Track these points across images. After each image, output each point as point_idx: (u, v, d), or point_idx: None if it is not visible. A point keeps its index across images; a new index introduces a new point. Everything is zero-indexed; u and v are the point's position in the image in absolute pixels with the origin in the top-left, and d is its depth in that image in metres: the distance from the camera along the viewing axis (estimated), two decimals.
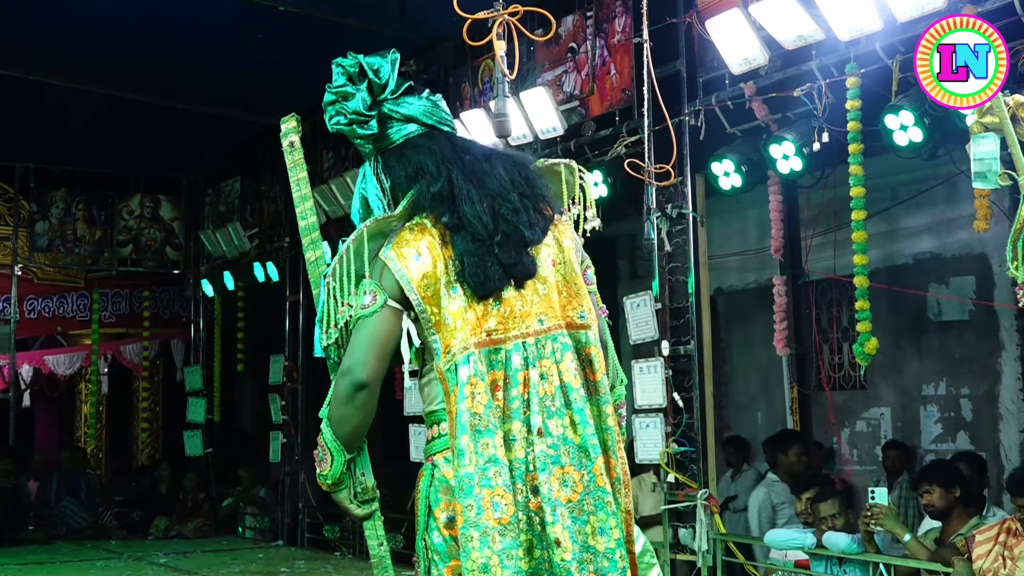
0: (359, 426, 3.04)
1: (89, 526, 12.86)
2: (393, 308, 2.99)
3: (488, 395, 2.91)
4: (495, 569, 2.83)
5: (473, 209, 3.01)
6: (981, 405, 8.47)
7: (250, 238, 12.94)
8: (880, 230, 8.07)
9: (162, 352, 15.13)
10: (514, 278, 3.01)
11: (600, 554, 2.90)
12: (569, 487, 2.90)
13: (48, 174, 14.14)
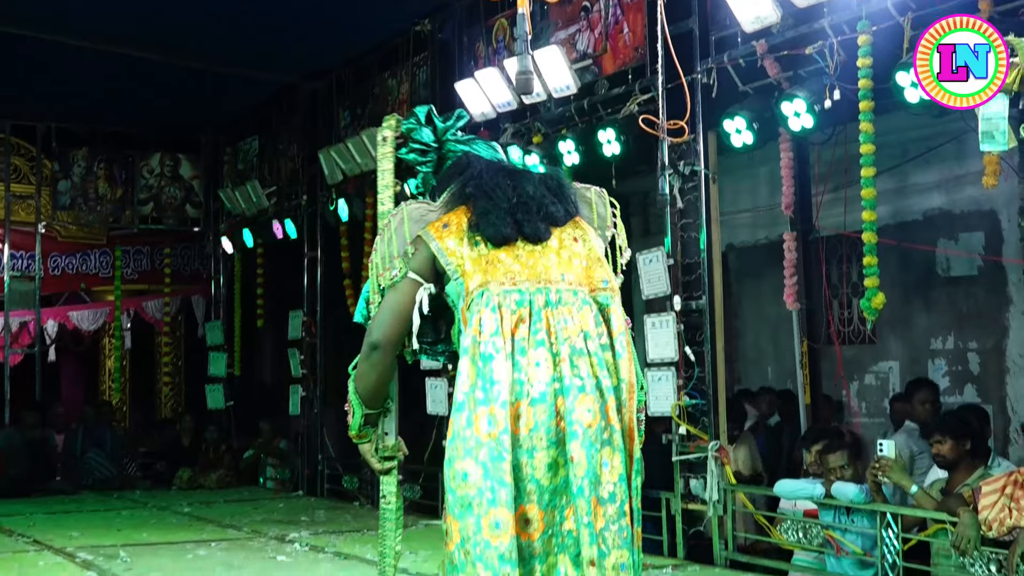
0: (375, 383, 3.29)
1: (114, 477, 12.97)
2: (412, 280, 3.21)
3: (497, 323, 3.06)
4: (474, 479, 2.96)
5: (496, 184, 3.28)
6: (988, 359, 8.47)
7: (268, 196, 12.95)
8: (890, 187, 8.05)
9: (183, 308, 15.19)
10: (525, 234, 3.19)
11: (602, 484, 3.00)
12: (591, 414, 3.01)
13: (69, 134, 14.18)
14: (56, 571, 7.18)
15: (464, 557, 2.96)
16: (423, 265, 3.21)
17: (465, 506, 2.97)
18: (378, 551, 3.39)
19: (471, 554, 2.94)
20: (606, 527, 2.99)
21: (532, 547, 2.98)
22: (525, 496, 2.97)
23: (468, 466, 2.98)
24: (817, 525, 6.79)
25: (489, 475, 2.95)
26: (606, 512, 2.99)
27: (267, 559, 7.62)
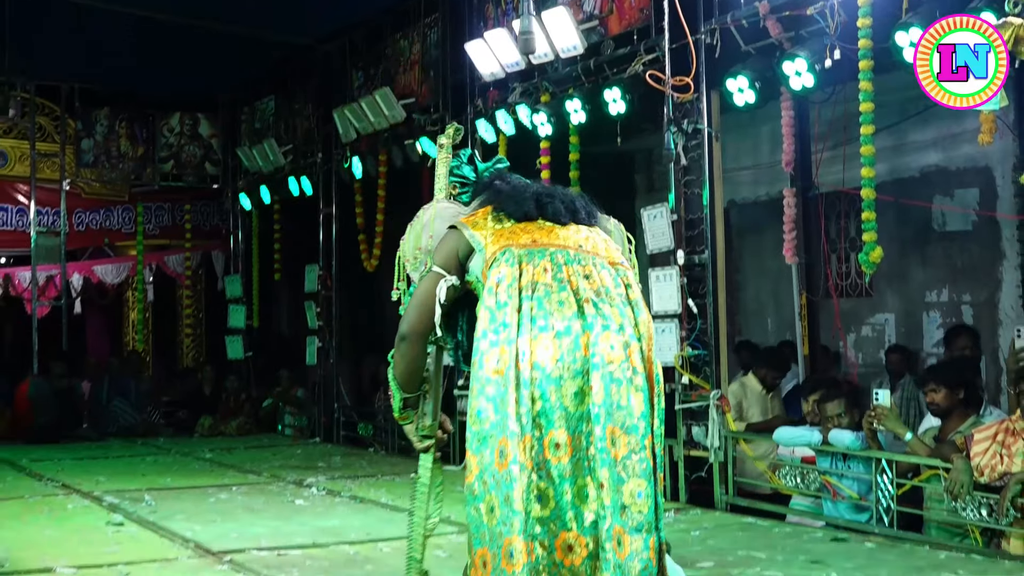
0: (406, 370, 3.46)
1: (138, 424, 13.06)
2: (435, 273, 3.36)
3: (515, 276, 3.16)
4: (487, 415, 3.07)
5: (520, 183, 3.57)
6: (982, 311, 8.46)
7: (284, 154, 12.94)
8: (888, 144, 8.01)
9: (203, 262, 15.21)
10: (545, 214, 3.35)
11: (622, 416, 3.07)
12: (613, 351, 3.10)
13: (92, 94, 14.16)
14: (84, 514, 7.24)
15: (483, 487, 3.04)
16: (448, 258, 3.36)
17: (481, 440, 3.07)
18: (409, 522, 3.56)
19: (488, 483, 3.03)
20: (628, 456, 3.06)
21: (563, 469, 3.05)
22: (554, 422, 3.05)
23: (481, 404, 3.08)
24: (814, 471, 6.82)
25: (498, 410, 3.04)
26: (629, 442, 3.06)
27: (286, 503, 7.67)
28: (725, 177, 7.93)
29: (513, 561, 2.95)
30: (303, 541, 6.14)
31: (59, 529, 6.62)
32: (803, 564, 5.43)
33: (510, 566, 2.96)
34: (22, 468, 9.65)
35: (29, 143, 13.91)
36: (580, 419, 3.06)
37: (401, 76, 10.73)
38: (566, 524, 3.04)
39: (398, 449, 10.72)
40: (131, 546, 6.06)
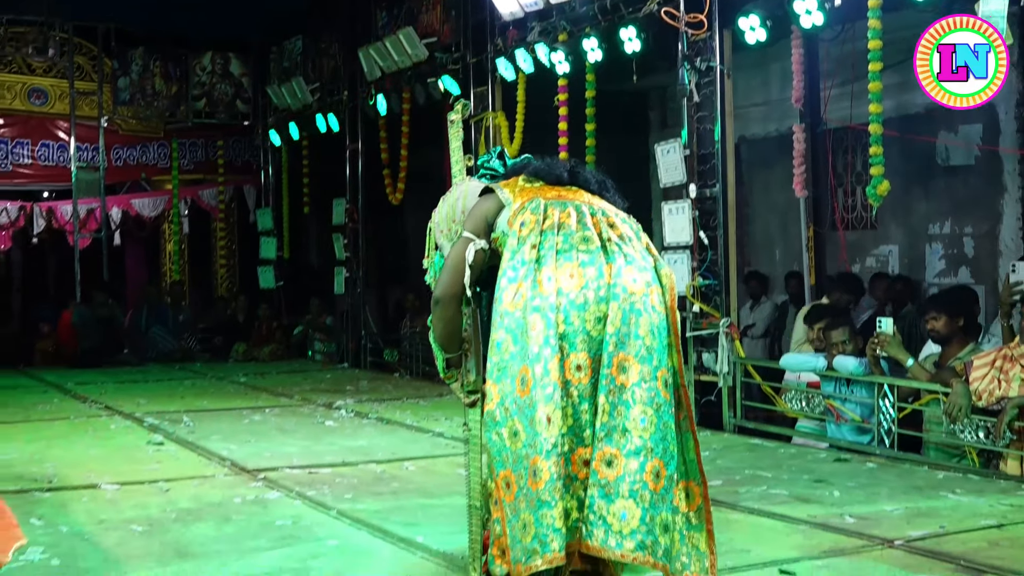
0: (444, 332, 3.45)
1: (176, 350, 13.16)
2: (465, 238, 3.35)
3: (539, 220, 3.18)
4: (506, 346, 3.09)
5: (553, 159, 3.55)
6: (982, 243, 8.39)
7: (312, 92, 12.89)
8: (894, 81, 7.87)
9: (236, 196, 15.21)
10: (576, 180, 3.39)
11: (638, 340, 3.06)
12: (635, 283, 3.10)
13: (127, 34, 14.07)
14: (126, 434, 7.32)
15: (504, 413, 3.05)
16: (477, 223, 3.35)
17: (501, 370, 3.07)
18: (467, 473, 3.58)
19: (510, 409, 3.04)
20: (638, 383, 3.04)
21: (583, 389, 3.06)
22: (576, 346, 3.05)
23: (501, 336, 3.09)
24: (819, 395, 6.82)
25: (517, 340, 3.06)
26: (640, 371, 3.05)
27: (316, 424, 7.73)
28: (736, 113, 7.85)
29: (537, 479, 2.97)
30: (332, 460, 6.20)
31: (103, 448, 6.70)
32: (807, 483, 5.45)
33: (535, 484, 2.97)
34: (68, 391, 9.75)
35: (68, 82, 13.86)
36: (600, 343, 3.06)
37: (423, 16, 10.62)
38: (583, 440, 3.05)
39: (422, 374, 10.77)
40: (171, 464, 6.13)
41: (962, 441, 5.86)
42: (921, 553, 4.08)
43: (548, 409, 2.99)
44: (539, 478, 2.97)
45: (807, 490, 5.28)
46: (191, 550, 4.22)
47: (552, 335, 3.02)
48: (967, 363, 5.85)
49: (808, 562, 3.97)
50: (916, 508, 4.84)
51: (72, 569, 3.97)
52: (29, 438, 7.02)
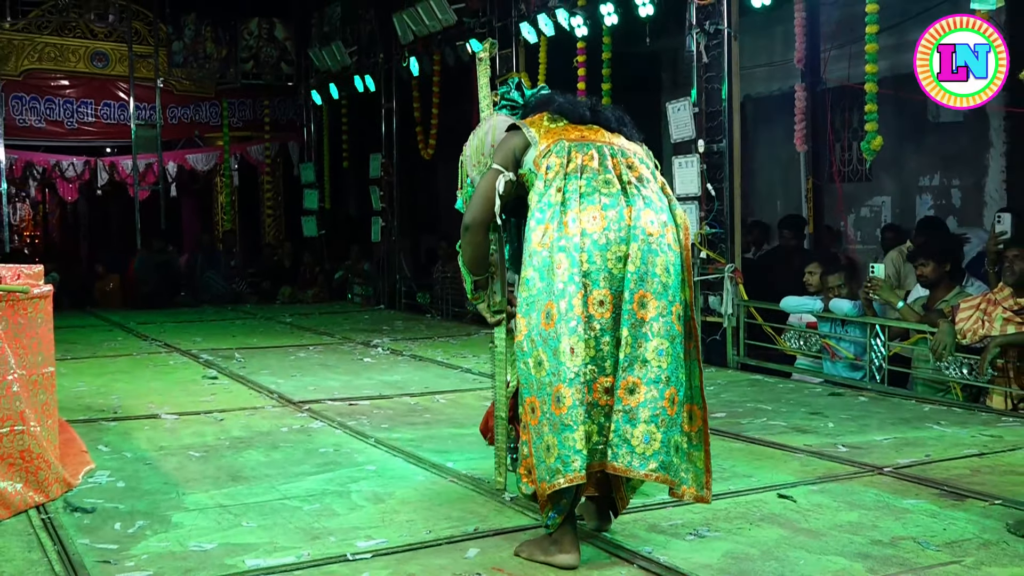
0: (472, 256, 3.41)
1: (228, 293, 13.25)
2: (495, 169, 3.27)
3: (563, 164, 3.15)
4: (534, 282, 3.07)
5: (576, 100, 3.40)
6: (969, 194, 8.30)
7: (350, 54, 12.81)
8: (889, 43, 7.75)
9: (281, 152, 15.22)
10: (599, 120, 3.30)
11: (658, 280, 3.06)
12: (653, 224, 3.09)
13: (180, 1, 14.00)
14: (183, 368, 7.38)
15: (531, 344, 3.05)
16: (506, 156, 3.27)
17: (529, 304, 3.06)
18: (494, 385, 3.57)
19: (536, 341, 3.04)
20: (655, 318, 3.04)
21: (605, 323, 3.05)
22: (599, 283, 3.04)
23: (529, 273, 3.08)
24: (816, 335, 6.81)
25: (544, 277, 3.04)
26: (658, 307, 3.05)
27: (355, 360, 7.78)
28: (742, 74, 7.76)
29: (560, 405, 2.99)
30: (370, 393, 6.24)
31: (162, 381, 6.77)
32: (804, 415, 5.46)
33: (558, 409, 3.00)
34: (131, 330, 9.84)
35: (127, 46, 13.83)
36: (621, 280, 3.06)
37: None
38: (604, 370, 3.06)
39: (452, 315, 10.80)
40: (224, 396, 6.19)
41: (947, 377, 5.84)
42: (908, 479, 4.08)
43: (572, 341, 2.99)
44: (562, 404, 2.99)
45: (804, 421, 5.29)
46: (243, 474, 4.27)
47: (576, 273, 3.02)
48: (954, 306, 5.82)
49: (804, 487, 3.98)
50: (904, 438, 4.84)
51: (136, 491, 4.03)
52: (96, 373, 7.10)
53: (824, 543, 3.30)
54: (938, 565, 3.08)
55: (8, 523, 3.60)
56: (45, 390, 4.03)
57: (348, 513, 3.69)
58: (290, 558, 3.19)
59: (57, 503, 3.83)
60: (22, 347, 3.88)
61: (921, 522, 3.51)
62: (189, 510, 3.74)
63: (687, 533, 3.41)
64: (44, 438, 3.92)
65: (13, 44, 13.37)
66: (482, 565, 3.13)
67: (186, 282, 13.33)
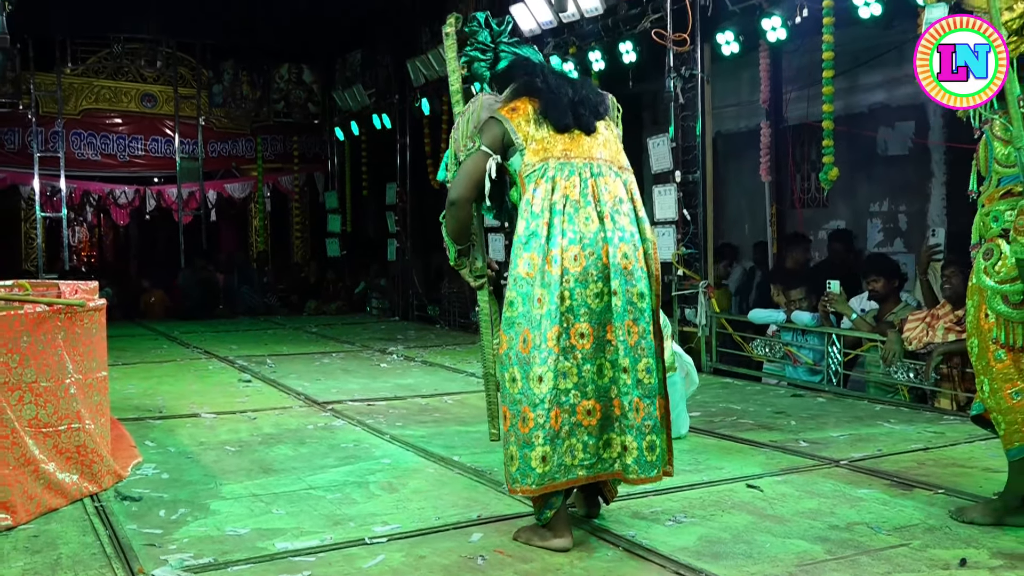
0: (456, 227, 3.26)
1: (261, 306, 13.22)
2: (483, 152, 3.15)
3: (549, 190, 3.06)
4: (517, 306, 3.01)
5: (559, 86, 3.22)
6: (914, 219, 8.29)
7: (369, 96, 12.83)
8: (843, 86, 7.76)
9: (308, 181, 15.21)
10: (580, 125, 3.17)
11: (636, 307, 3.05)
12: (627, 259, 3.06)
13: (220, 49, 14.06)
14: (221, 372, 7.37)
15: (508, 360, 3.03)
16: (494, 141, 3.15)
17: (511, 324, 3.04)
18: (480, 342, 3.44)
19: (512, 359, 3.02)
20: (639, 341, 3.05)
21: (586, 353, 3.03)
22: (580, 317, 3.01)
23: (513, 296, 3.04)
24: (780, 343, 6.79)
25: (525, 303, 3.01)
26: (639, 330, 3.05)
27: (373, 365, 7.77)
28: (714, 113, 7.78)
29: (526, 425, 2.98)
30: (386, 394, 6.23)
31: (202, 384, 6.75)
32: (769, 414, 5.44)
33: (524, 427, 2.98)
34: (175, 339, 9.82)
35: (173, 88, 13.85)
36: (600, 314, 3.03)
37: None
38: (587, 394, 3.03)
39: (458, 326, 10.78)
40: (257, 397, 6.17)
41: (895, 380, 5.83)
42: (861, 471, 4.07)
43: (542, 370, 2.97)
44: (527, 424, 2.98)
45: (769, 420, 5.28)
46: (273, 466, 4.26)
47: (555, 309, 2.98)
48: (903, 319, 5.81)
49: (770, 478, 3.97)
50: (858, 434, 4.83)
51: (178, 482, 4.01)
52: (144, 376, 7.09)
53: (788, 528, 3.28)
54: (889, 548, 3.07)
55: (66, 510, 3.59)
56: (99, 392, 4.02)
57: (366, 501, 3.67)
58: (315, 541, 3.17)
59: (109, 492, 3.82)
60: (79, 354, 3.87)
61: (873, 509, 3.49)
62: (225, 499, 3.73)
63: (666, 519, 3.40)
64: (97, 435, 3.90)
65: (73, 87, 13.39)
66: (485, 548, 3.11)
67: (224, 296, 13.30)
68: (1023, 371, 3.20)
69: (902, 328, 5.72)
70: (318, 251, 14.85)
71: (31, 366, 3.60)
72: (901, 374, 5.76)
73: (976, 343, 3.30)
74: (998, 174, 3.24)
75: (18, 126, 13.02)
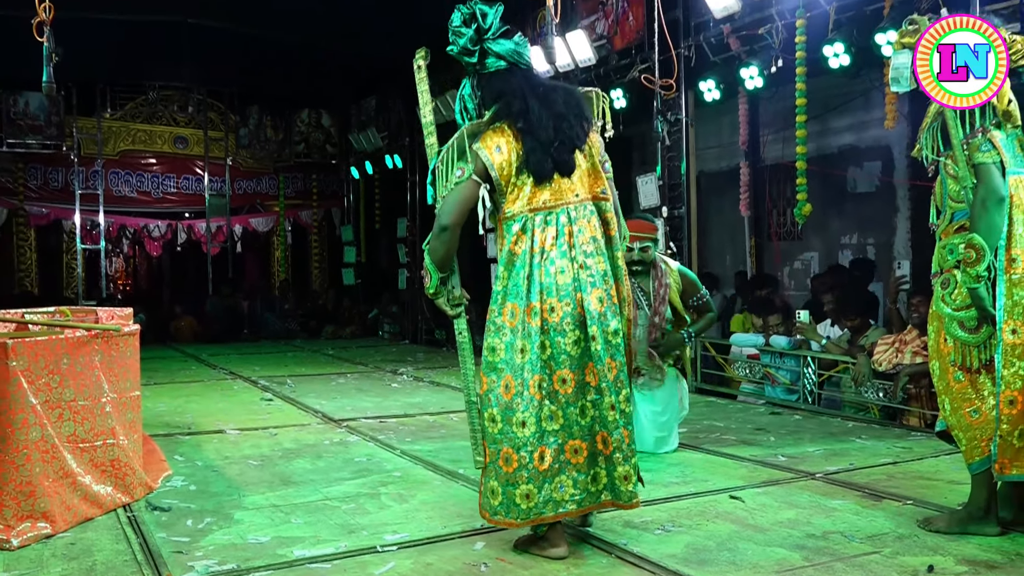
0: (444, 255, 3.05)
1: (282, 330, 13.20)
2: (474, 180, 3.00)
3: (530, 242, 2.99)
4: (499, 352, 2.97)
5: (540, 122, 3.01)
6: (881, 250, 8.30)
7: (382, 138, 12.89)
8: (815, 129, 7.80)
9: (326, 216, 15.25)
10: (560, 171, 3.04)
11: (612, 344, 3.00)
12: (600, 303, 3.00)
13: (246, 96, 14.15)
14: (245, 391, 7.35)
15: (487, 402, 2.99)
16: (480, 171, 3.00)
17: (492, 368, 2.99)
18: (461, 370, 3.23)
19: (492, 401, 2.98)
20: (618, 376, 3.01)
21: (569, 396, 2.99)
22: (561, 364, 2.97)
23: (495, 342, 2.98)
24: (759, 364, 6.77)
25: (508, 351, 2.96)
26: (615, 365, 3.01)
27: (385, 385, 7.74)
28: (697, 153, 7.82)
29: (508, 465, 2.94)
30: (397, 412, 6.21)
31: (227, 403, 6.73)
32: (749, 431, 5.42)
33: (507, 467, 2.95)
34: (203, 360, 9.81)
35: (203, 131, 13.93)
36: (579, 359, 2.99)
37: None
38: (572, 434, 2.99)
39: None
40: (278, 415, 6.15)
41: (866, 399, 5.81)
42: (836, 483, 4.04)
43: (525, 416, 2.93)
44: (510, 464, 2.94)
45: (750, 436, 5.25)
46: (293, 479, 4.23)
47: (536, 358, 2.94)
48: (873, 344, 5.80)
49: (751, 489, 3.94)
50: (832, 449, 4.80)
51: (205, 493, 3.99)
52: (174, 395, 7.07)
53: (768, 536, 3.26)
54: (862, 555, 3.04)
55: (100, 519, 3.57)
56: (132, 410, 4.01)
57: (378, 512, 3.65)
58: (330, 549, 3.15)
59: (140, 503, 3.79)
60: (114, 375, 3.86)
61: (847, 519, 3.47)
62: (248, 509, 3.70)
63: (655, 528, 3.37)
64: (130, 449, 3.89)
65: (112, 130, 13.46)
66: (488, 556, 3.09)
67: (248, 321, 13.30)
68: (980, 391, 3.19)
69: (872, 352, 5.71)
70: (335, 280, 14.86)
71: (70, 386, 3.59)
72: (872, 394, 5.74)
73: (937, 365, 3.28)
74: (952, 209, 3.25)
75: (62, 166, 13.10)
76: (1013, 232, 3.12)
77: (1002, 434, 3.12)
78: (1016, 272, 3.11)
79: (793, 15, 6.43)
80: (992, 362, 3.15)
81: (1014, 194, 3.14)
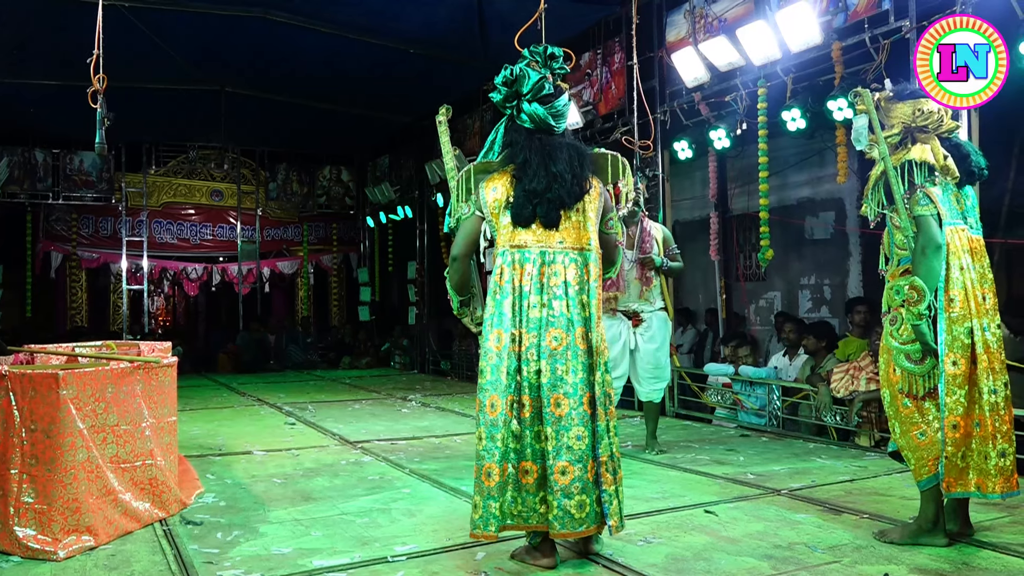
0: (458, 281, 3.15)
1: (304, 362, 13.14)
2: (477, 216, 3.07)
3: (511, 275, 2.98)
4: (486, 374, 2.95)
5: (536, 176, 2.99)
6: (836, 290, 8.31)
7: (395, 191, 12.96)
8: (776, 183, 7.86)
9: (344, 260, 15.28)
10: (541, 221, 2.98)
11: (567, 384, 2.91)
12: (556, 341, 2.93)
13: (275, 154, 14.24)
14: (270, 416, 7.29)
15: (477, 419, 2.97)
16: (479, 206, 3.06)
17: (481, 389, 2.97)
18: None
19: (479, 419, 2.96)
20: (569, 413, 2.90)
21: (526, 420, 2.94)
22: (523, 390, 2.93)
23: (484, 365, 2.97)
24: (730, 392, 6.74)
25: (493, 373, 2.94)
26: (569, 403, 2.90)
27: (396, 410, 7.69)
28: (673, 205, 7.86)
29: (490, 479, 2.90)
30: (407, 435, 6.16)
31: (255, 426, 6.68)
32: (722, 451, 5.38)
33: (488, 482, 2.90)
34: (233, 388, 9.75)
35: (236, 185, 14.00)
36: (537, 388, 2.93)
37: (468, 141, 10.70)
38: (526, 456, 2.93)
39: (466, 377, 10.71)
40: (300, 438, 6.10)
41: (826, 423, 5.78)
42: (799, 499, 4.00)
43: (501, 433, 2.90)
44: (491, 479, 2.89)
45: (722, 456, 5.21)
46: (312, 495, 4.18)
47: (511, 379, 2.93)
48: (829, 372, 5.79)
49: (724, 504, 3.90)
50: (795, 468, 4.76)
51: (234, 508, 3.94)
52: (207, 420, 7.02)
53: (739, 547, 3.22)
54: (824, 564, 3.00)
55: (139, 533, 3.52)
56: (169, 433, 3.97)
57: (389, 525, 3.60)
58: (346, 559, 3.10)
59: (175, 518, 3.74)
60: (153, 402, 3.83)
61: (810, 531, 3.43)
62: (272, 523, 3.66)
63: (638, 540, 3.33)
64: (167, 469, 3.85)
65: (156, 184, 13.54)
66: (488, 566, 3.04)
67: (274, 353, 13.26)
68: (926, 416, 3.18)
69: (829, 379, 5.69)
70: (352, 316, 14.84)
71: (114, 412, 3.57)
72: (829, 417, 5.71)
73: (887, 393, 3.28)
74: (898, 255, 3.27)
75: (111, 216, 13.16)
76: (950, 276, 3.15)
77: (947, 455, 3.11)
78: (954, 311, 3.13)
79: (755, 84, 6.51)
80: (936, 390, 3.15)
81: (950, 242, 3.17)
